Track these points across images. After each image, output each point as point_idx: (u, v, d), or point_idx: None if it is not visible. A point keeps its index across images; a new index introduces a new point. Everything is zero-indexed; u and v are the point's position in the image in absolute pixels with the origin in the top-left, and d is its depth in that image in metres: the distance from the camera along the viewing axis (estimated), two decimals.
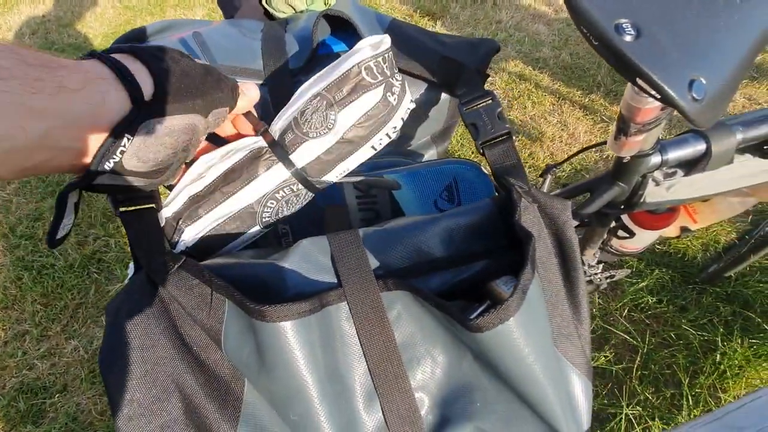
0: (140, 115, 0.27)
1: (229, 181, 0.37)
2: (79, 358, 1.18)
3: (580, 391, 0.33)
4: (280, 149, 0.37)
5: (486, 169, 0.47)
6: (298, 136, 0.37)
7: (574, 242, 0.36)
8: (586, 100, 1.81)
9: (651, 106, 0.39)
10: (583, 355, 0.34)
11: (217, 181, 0.37)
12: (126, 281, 0.37)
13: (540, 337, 0.28)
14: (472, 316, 0.33)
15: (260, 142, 0.38)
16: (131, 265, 0.39)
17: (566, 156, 1.58)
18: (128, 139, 0.27)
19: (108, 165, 0.27)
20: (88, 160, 0.26)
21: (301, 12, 0.63)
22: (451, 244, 0.36)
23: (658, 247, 1.26)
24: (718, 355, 1.04)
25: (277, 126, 0.38)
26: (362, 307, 0.33)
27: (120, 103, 0.26)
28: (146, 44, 0.26)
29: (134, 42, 0.45)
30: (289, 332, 0.30)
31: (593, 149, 0.71)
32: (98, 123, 0.26)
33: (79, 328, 1.24)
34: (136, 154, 0.27)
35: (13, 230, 1.47)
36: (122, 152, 0.27)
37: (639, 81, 0.28)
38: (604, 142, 0.53)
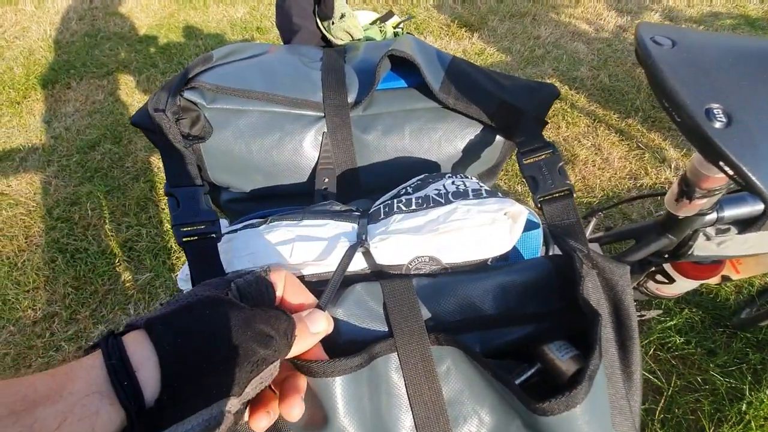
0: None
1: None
2: None
3: None
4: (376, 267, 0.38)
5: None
6: (402, 272, 0.38)
7: (632, 310, 0.35)
8: (623, 124, 1.77)
9: (721, 175, 0.38)
10: (633, 430, 0.33)
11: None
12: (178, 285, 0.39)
13: (601, 422, 0.28)
14: (520, 379, 0.33)
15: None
16: (183, 270, 0.40)
17: (600, 186, 1.55)
18: None
19: None
20: None
21: (358, 40, 0.63)
22: (503, 302, 0.35)
23: None
24: (744, 405, 1.01)
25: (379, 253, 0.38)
26: (412, 359, 0.33)
27: (113, 421, 0.21)
28: (175, 303, 0.24)
29: (202, 65, 0.46)
30: (338, 388, 0.30)
31: (645, 197, 0.71)
32: None
33: (107, 314, 1.28)
34: None
35: (50, 212, 1.52)
36: None
37: (722, 165, 0.27)
38: (662, 193, 0.51)
